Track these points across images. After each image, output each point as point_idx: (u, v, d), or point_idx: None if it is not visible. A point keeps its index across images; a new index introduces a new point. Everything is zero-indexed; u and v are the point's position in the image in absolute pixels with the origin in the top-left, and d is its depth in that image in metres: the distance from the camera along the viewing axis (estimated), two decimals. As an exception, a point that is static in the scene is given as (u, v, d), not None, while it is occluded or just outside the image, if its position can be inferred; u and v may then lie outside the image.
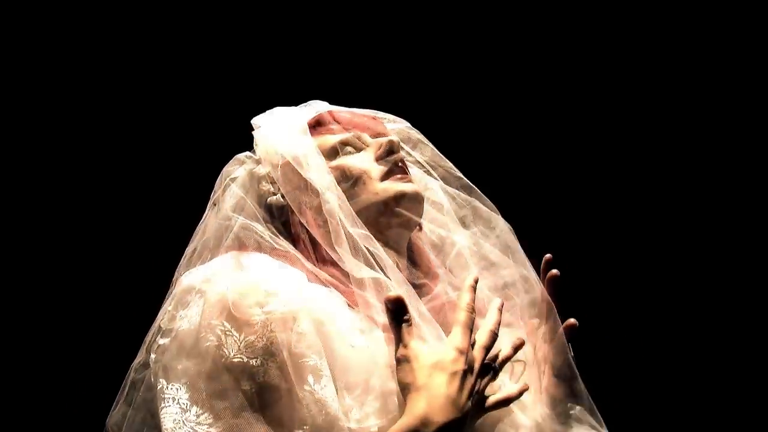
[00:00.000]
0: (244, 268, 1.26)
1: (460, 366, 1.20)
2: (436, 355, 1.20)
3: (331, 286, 1.30)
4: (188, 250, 1.46)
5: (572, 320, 1.41)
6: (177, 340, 1.22)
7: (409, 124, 1.61)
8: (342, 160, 1.43)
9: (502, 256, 1.49)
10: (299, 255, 1.35)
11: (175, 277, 1.41)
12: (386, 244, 1.39)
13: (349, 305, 1.29)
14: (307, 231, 1.38)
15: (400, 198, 1.41)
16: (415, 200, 1.43)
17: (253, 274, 1.25)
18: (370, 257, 1.31)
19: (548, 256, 1.44)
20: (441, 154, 1.60)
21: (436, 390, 1.17)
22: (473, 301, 1.26)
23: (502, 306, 1.31)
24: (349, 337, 1.23)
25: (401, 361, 1.21)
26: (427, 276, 1.44)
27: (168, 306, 1.29)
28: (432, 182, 1.55)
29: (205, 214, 1.48)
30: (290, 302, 1.21)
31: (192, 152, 2.46)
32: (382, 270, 1.31)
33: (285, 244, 1.37)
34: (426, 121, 1.65)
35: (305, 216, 1.39)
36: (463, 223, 1.52)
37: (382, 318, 1.27)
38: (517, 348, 1.35)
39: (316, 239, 1.36)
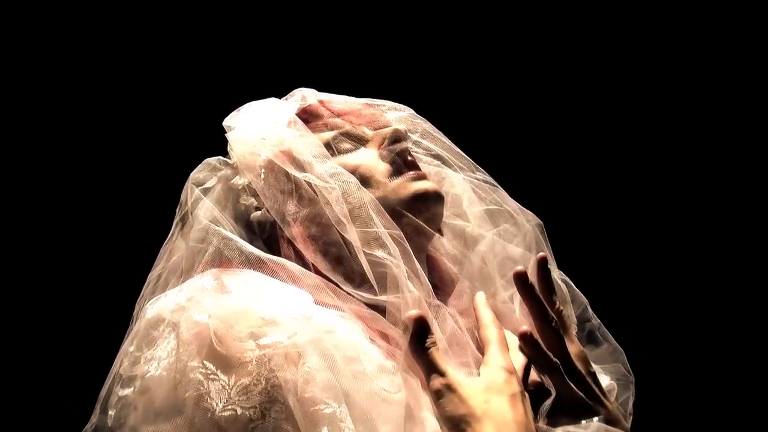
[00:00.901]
0: (228, 290, 1.01)
1: (516, 387, 1.01)
2: (484, 378, 1.01)
3: (344, 310, 1.05)
4: (151, 276, 1.22)
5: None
6: (144, 392, 0.97)
7: (413, 112, 1.36)
8: (340, 159, 1.21)
9: (527, 255, 1.27)
10: (298, 268, 1.08)
11: (135, 310, 1.19)
12: None
13: (370, 337, 1.04)
14: (295, 250, 1.13)
15: (416, 199, 1.18)
16: (434, 201, 1.20)
17: (243, 295, 0.99)
18: (393, 267, 1.07)
19: (542, 254, 1.21)
20: (454, 145, 1.35)
21: (502, 416, 0.97)
22: (494, 316, 1.10)
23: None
24: (374, 379, 0.97)
25: (442, 393, 0.99)
26: (447, 291, 1.22)
27: (129, 346, 1.04)
28: (449, 173, 1.32)
29: (171, 233, 1.24)
30: (295, 332, 0.95)
31: (151, 158, 2.11)
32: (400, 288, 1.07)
33: (279, 258, 1.10)
34: (428, 110, 1.40)
35: (293, 230, 1.14)
36: (487, 220, 1.30)
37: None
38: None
39: (311, 259, 1.12)
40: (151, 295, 1.17)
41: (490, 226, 1.29)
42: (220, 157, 1.27)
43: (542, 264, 1.18)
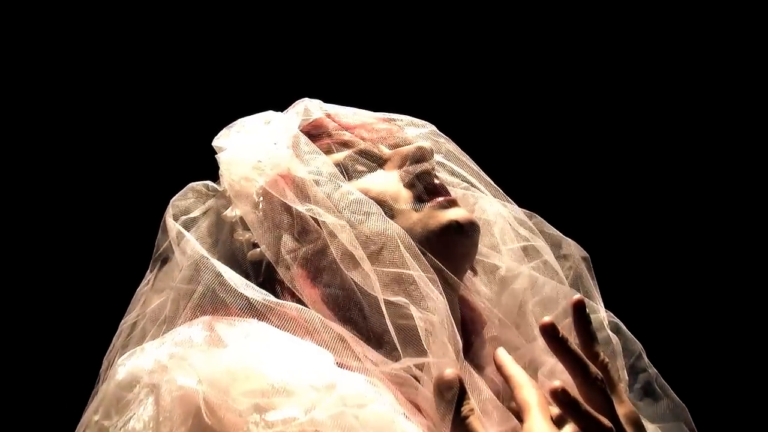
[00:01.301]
0: (225, 344, 0.82)
1: None
2: None
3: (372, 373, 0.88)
4: (123, 325, 1.05)
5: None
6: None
7: (435, 129, 1.18)
8: (354, 184, 1.03)
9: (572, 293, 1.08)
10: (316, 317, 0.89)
11: (103, 367, 1.03)
12: None
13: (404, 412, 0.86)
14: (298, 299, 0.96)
15: (448, 231, 1.00)
16: (470, 233, 1.02)
17: (244, 352, 0.81)
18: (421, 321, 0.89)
19: (577, 297, 1.00)
20: (482, 171, 1.17)
21: None
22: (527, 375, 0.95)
23: None
24: None
25: None
26: (479, 340, 1.06)
27: (93, 414, 0.86)
28: (478, 196, 1.14)
29: (149, 271, 1.07)
30: (314, 404, 0.77)
31: (124, 183, 1.81)
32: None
33: (291, 304, 0.91)
34: (450, 129, 1.21)
35: (292, 273, 0.97)
36: (524, 253, 1.12)
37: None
38: None
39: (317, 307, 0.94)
40: (124, 349, 0.99)
41: (526, 259, 1.11)
42: (208, 182, 1.10)
43: (579, 309, 0.98)
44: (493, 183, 1.17)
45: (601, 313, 1.12)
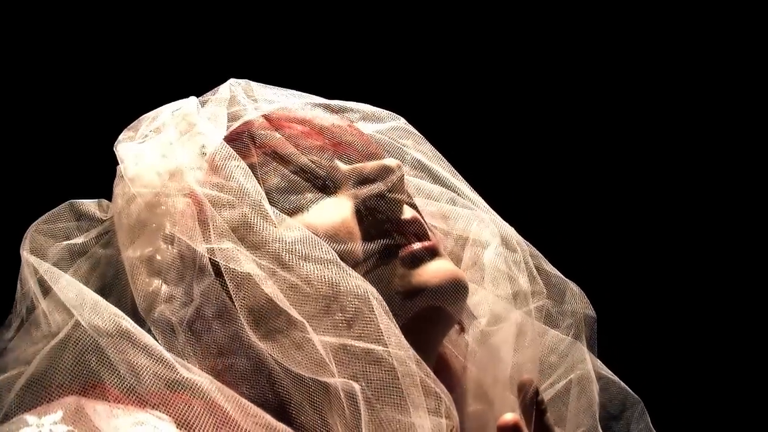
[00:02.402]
0: None
1: None
2: None
3: None
4: None
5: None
6: None
7: (404, 122, 0.90)
8: (299, 219, 0.75)
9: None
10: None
11: None
12: None
13: None
14: None
15: (426, 296, 0.74)
16: (456, 296, 0.76)
17: None
18: None
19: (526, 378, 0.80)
20: (461, 179, 0.90)
21: None
22: None
23: None
24: None
25: None
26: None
27: None
28: (460, 214, 0.88)
29: (8, 323, 0.76)
30: None
31: None
32: None
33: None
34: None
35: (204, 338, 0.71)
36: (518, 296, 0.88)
37: None
38: None
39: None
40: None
41: (522, 303, 0.87)
42: (101, 201, 0.80)
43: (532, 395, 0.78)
44: (476, 196, 0.91)
45: (596, 363, 0.92)
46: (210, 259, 0.70)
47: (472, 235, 0.86)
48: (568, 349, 0.88)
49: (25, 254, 0.73)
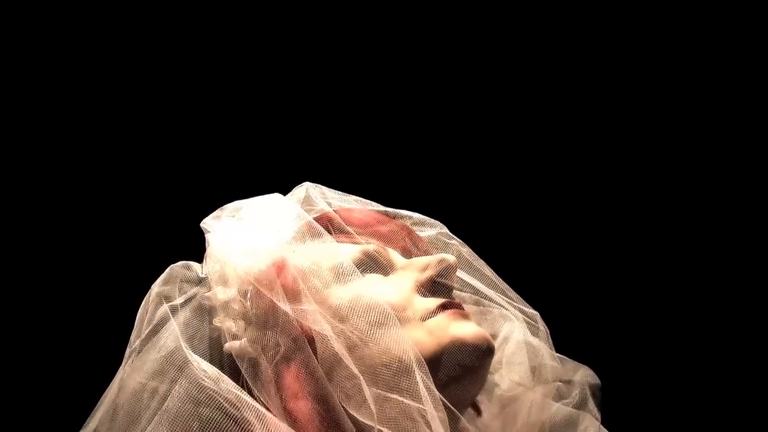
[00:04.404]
0: None
1: None
2: None
3: None
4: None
5: None
6: None
7: (446, 230, 1.07)
8: (363, 287, 0.90)
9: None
10: None
11: None
12: None
13: None
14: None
15: (462, 348, 0.87)
16: (483, 354, 0.89)
17: None
18: None
19: None
20: (496, 276, 1.05)
21: None
22: None
23: None
24: None
25: None
26: None
27: None
28: (494, 312, 1.02)
29: (120, 370, 0.91)
30: None
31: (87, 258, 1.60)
32: None
33: None
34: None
35: (280, 375, 0.84)
36: (537, 376, 0.98)
37: None
38: None
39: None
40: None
41: (532, 381, 0.98)
42: (190, 263, 0.98)
43: None
44: (510, 290, 1.06)
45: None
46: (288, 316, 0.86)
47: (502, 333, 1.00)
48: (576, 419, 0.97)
49: (153, 297, 0.92)
